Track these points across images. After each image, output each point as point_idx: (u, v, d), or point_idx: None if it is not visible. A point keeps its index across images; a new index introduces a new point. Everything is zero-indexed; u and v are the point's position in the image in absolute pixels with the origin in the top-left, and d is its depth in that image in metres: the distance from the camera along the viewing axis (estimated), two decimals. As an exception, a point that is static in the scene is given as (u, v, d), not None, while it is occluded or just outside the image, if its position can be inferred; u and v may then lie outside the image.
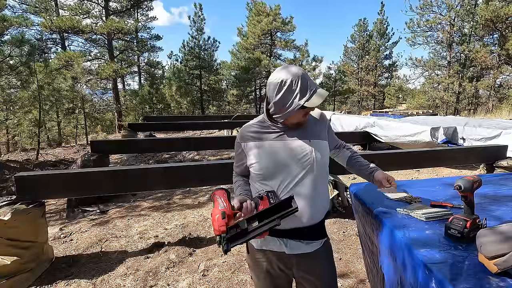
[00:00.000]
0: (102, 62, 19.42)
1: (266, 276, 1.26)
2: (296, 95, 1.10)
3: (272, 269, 1.24)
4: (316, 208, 1.18)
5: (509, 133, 4.62)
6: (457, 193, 1.14)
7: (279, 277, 1.26)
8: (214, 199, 1.08)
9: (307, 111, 1.18)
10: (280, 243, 1.19)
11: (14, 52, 8.54)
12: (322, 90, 1.11)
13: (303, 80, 1.10)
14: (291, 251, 1.19)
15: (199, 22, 21.80)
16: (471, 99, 21.61)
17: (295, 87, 1.10)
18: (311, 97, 1.09)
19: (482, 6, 17.05)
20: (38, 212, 2.51)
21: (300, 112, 1.15)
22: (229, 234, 0.96)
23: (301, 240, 1.18)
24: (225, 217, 0.97)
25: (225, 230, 0.96)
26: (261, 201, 1.09)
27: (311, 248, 1.20)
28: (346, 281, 2.34)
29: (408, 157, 3.76)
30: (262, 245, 1.23)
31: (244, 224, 0.99)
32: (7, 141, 13.83)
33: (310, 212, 1.16)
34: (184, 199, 4.64)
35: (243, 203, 1.07)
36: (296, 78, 1.10)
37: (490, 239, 0.92)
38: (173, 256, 2.74)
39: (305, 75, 1.12)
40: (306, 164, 1.16)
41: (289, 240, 1.18)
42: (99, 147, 5.20)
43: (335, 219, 3.51)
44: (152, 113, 20.46)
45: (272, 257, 1.22)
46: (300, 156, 1.16)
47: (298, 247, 1.19)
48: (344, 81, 26.62)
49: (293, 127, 1.21)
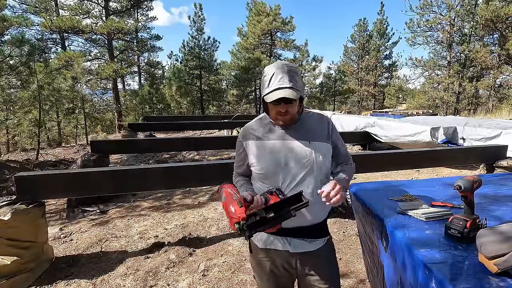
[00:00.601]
0: (102, 62, 19.44)
1: (269, 276, 1.26)
2: (264, 89, 1.14)
3: (276, 268, 1.25)
4: (318, 207, 1.19)
5: (509, 133, 4.62)
6: (457, 193, 1.14)
7: (283, 277, 1.26)
8: (224, 192, 1.09)
9: (280, 109, 1.13)
10: (284, 241, 1.21)
11: (14, 52, 8.54)
12: (285, 91, 1.07)
13: (274, 75, 1.11)
14: (295, 250, 1.20)
15: (199, 22, 21.80)
16: (471, 99, 21.61)
17: (265, 81, 1.14)
18: (270, 92, 1.10)
19: (482, 6, 17.04)
20: (38, 212, 2.50)
21: (273, 108, 1.15)
22: (249, 221, 0.98)
23: (305, 239, 1.20)
24: (242, 205, 0.99)
25: (245, 216, 0.97)
26: (271, 196, 1.10)
27: (314, 246, 1.21)
28: (346, 281, 2.34)
29: (408, 157, 3.76)
30: (266, 244, 1.24)
31: (263, 212, 1.01)
32: (7, 141, 13.83)
33: (313, 211, 1.17)
34: (184, 199, 4.64)
35: (254, 197, 1.08)
36: (270, 72, 1.12)
37: (490, 239, 0.92)
38: (173, 256, 2.74)
39: (281, 71, 1.11)
40: (306, 165, 1.17)
41: (293, 238, 1.20)
42: (99, 147, 5.20)
43: (335, 219, 3.51)
44: (152, 113, 20.46)
45: (276, 256, 1.23)
46: (300, 156, 1.17)
47: (302, 246, 1.20)
48: (344, 81, 26.60)
49: (289, 126, 1.21)
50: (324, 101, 26.24)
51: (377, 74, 27.76)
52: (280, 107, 1.13)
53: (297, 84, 1.11)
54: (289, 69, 1.12)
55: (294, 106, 1.15)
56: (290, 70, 1.12)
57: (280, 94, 1.08)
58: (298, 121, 1.23)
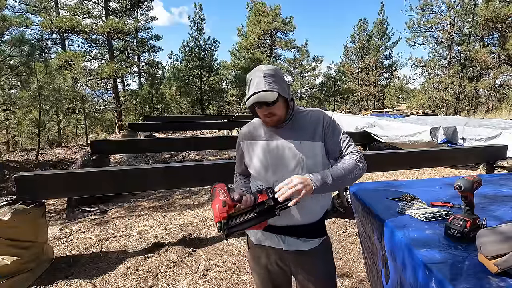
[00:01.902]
0: (102, 62, 19.44)
1: (265, 272, 1.28)
2: (247, 93, 1.15)
3: (270, 265, 1.26)
4: (312, 207, 1.19)
5: (509, 133, 4.62)
6: (457, 193, 1.14)
7: (278, 274, 1.27)
8: (214, 192, 1.12)
9: (264, 112, 1.14)
10: (278, 239, 1.21)
11: (14, 52, 8.54)
12: (259, 95, 1.08)
13: (251, 81, 1.13)
14: (288, 248, 1.21)
15: (199, 22, 21.80)
16: (471, 99, 21.62)
17: (246, 87, 1.16)
18: (249, 98, 1.11)
19: (482, 6, 17.05)
20: (38, 212, 2.50)
21: (258, 111, 1.17)
22: (230, 221, 1.03)
23: (299, 238, 1.20)
24: (225, 205, 1.03)
25: (225, 216, 1.01)
26: (260, 195, 1.12)
27: (308, 246, 1.21)
28: (346, 281, 2.34)
29: (408, 157, 3.76)
30: (261, 241, 1.26)
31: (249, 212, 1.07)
32: (7, 141, 13.83)
33: (306, 211, 1.18)
34: (184, 199, 4.64)
35: (243, 196, 1.11)
36: (249, 78, 1.15)
37: (490, 239, 0.92)
38: (173, 256, 2.74)
39: (256, 75, 1.11)
40: (294, 165, 1.17)
41: (286, 237, 1.20)
42: (99, 147, 5.20)
43: (335, 219, 3.51)
44: (152, 113, 20.47)
45: (270, 253, 1.25)
46: (289, 157, 1.18)
47: (296, 244, 1.20)
48: (344, 81, 26.62)
49: (281, 126, 1.21)
50: (324, 101, 26.25)
51: (377, 74, 27.78)
52: (262, 110, 1.14)
53: (275, 86, 1.10)
54: (265, 72, 1.12)
55: (277, 107, 1.14)
56: (266, 73, 1.11)
57: (255, 98, 1.09)
58: (290, 121, 1.21)
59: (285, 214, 1.12)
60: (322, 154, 1.21)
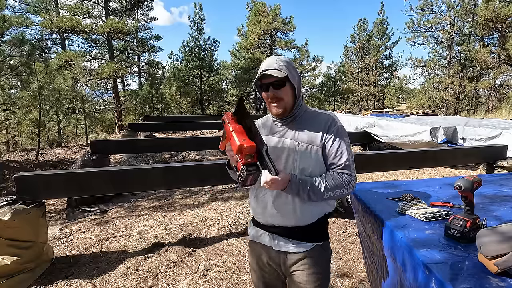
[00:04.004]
0: (102, 62, 19.45)
1: (257, 268, 1.30)
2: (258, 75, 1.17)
3: (261, 261, 1.27)
4: (305, 210, 1.15)
5: (509, 133, 4.62)
6: (457, 193, 1.14)
7: (268, 272, 1.27)
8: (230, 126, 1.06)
9: (270, 93, 1.14)
10: (270, 238, 1.22)
11: (14, 52, 8.55)
12: (268, 70, 1.10)
13: (263, 64, 1.16)
14: (278, 248, 1.20)
15: (199, 22, 21.82)
16: (471, 99, 21.64)
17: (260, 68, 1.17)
18: (258, 76, 1.14)
19: (482, 6, 17.04)
20: (38, 212, 2.50)
21: (265, 97, 1.18)
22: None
23: (290, 239, 1.19)
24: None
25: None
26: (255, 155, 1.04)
27: (299, 249, 1.17)
28: (346, 281, 2.34)
29: (408, 157, 3.76)
30: (255, 238, 1.28)
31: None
32: (7, 141, 13.83)
33: (298, 214, 1.15)
34: (184, 199, 4.64)
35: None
36: (264, 61, 1.18)
37: (490, 239, 0.92)
38: (173, 256, 2.74)
39: (269, 60, 1.15)
40: (288, 166, 1.16)
41: (278, 236, 1.20)
42: (99, 147, 5.20)
43: (335, 219, 3.51)
44: (152, 113, 20.48)
45: (262, 250, 1.26)
46: (283, 156, 1.17)
47: (286, 246, 1.19)
48: (344, 81, 26.65)
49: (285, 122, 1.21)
50: (324, 101, 26.26)
51: (377, 74, 27.79)
52: (269, 93, 1.14)
53: (285, 69, 1.11)
54: (279, 58, 1.15)
55: (284, 92, 1.13)
56: (279, 58, 1.15)
57: (263, 71, 1.11)
58: (295, 118, 1.19)
59: (279, 215, 1.15)
60: (317, 159, 1.15)
